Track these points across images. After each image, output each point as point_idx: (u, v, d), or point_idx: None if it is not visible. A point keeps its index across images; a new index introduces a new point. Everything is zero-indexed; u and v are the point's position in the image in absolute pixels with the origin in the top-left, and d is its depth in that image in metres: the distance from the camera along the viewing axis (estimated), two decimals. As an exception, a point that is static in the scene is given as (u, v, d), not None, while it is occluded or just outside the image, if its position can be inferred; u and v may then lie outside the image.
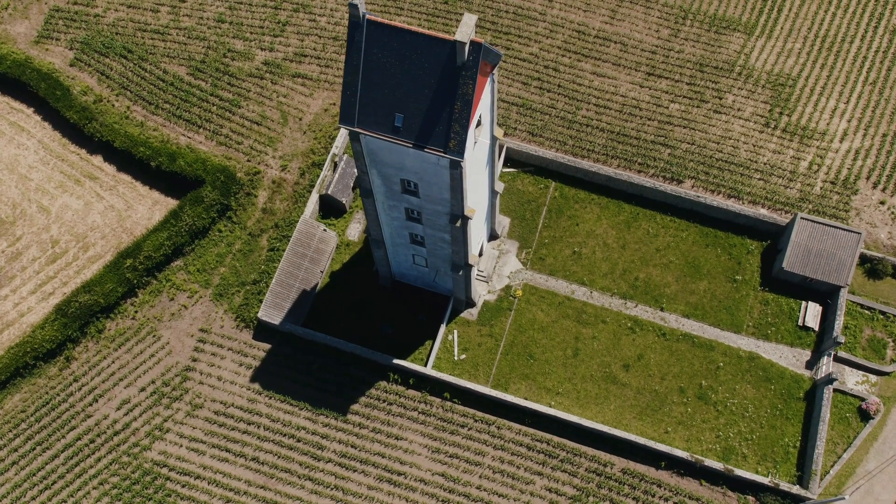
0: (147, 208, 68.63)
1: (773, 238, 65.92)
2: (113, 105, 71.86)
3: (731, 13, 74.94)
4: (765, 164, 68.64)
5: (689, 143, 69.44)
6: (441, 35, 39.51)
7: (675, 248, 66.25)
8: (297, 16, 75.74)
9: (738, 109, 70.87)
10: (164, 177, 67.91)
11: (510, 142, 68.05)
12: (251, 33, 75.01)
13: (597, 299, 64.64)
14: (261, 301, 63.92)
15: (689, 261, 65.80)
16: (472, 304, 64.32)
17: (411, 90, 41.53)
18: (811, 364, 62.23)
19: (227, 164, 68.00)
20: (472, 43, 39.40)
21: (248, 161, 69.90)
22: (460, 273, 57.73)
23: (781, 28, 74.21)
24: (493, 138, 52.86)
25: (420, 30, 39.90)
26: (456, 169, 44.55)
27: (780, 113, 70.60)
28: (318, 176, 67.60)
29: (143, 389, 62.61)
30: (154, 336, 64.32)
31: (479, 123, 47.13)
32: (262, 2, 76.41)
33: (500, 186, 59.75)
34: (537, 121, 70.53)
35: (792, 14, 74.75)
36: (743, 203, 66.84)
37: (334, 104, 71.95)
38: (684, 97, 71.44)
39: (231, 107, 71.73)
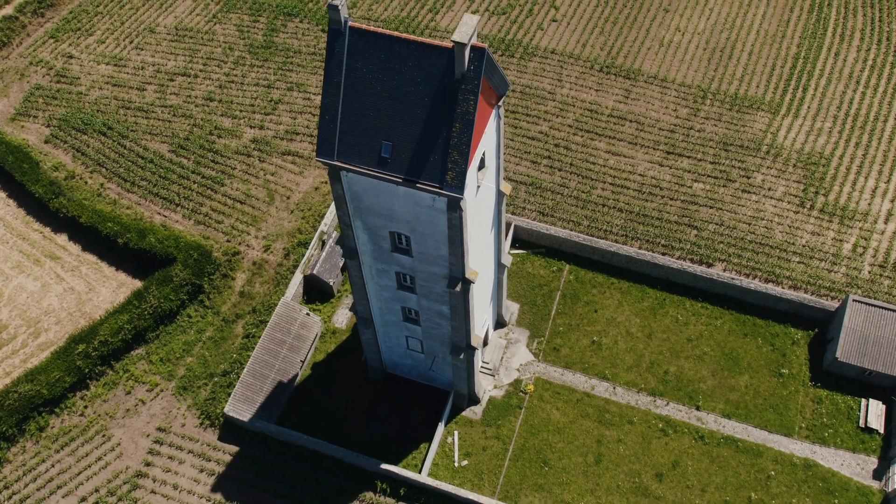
0: (111, 291, 61.10)
1: (821, 326, 57.51)
2: (86, 182, 66.02)
3: (753, 92, 70.19)
4: (803, 246, 61.33)
5: (716, 224, 62.50)
6: (436, 42, 33.38)
7: (708, 337, 57.75)
8: (291, 94, 71.31)
9: (769, 189, 64.43)
10: (133, 256, 60.83)
11: (518, 220, 61.24)
12: (241, 111, 70.33)
13: (621, 396, 55.49)
14: (230, 395, 54.96)
15: (725, 352, 57.10)
16: (475, 401, 55.23)
17: (401, 111, 35.01)
18: (879, 473, 52.10)
19: (202, 242, 61.03)
20: (474, 49, 33.18)
21: (228, 241, 63.02)
22: (461, 357, 49.15)
23: (808, 107, 69.21)
24: (500, 194, 45.94)
25: (412, 37, 33.85)
26: (454, 211, 37.27)
27: (816, 192, 64.09)
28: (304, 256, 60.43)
29: (83, 500, 52.57)
30: (104, 436, 54.97)
31: (482, 165, 40.32)
32: (254, 80, 72.28)
33: (507, 259, 52.32)
34: (548, 200, 64.07)
35: (818, 94, 69.99)
36: (783, 287, 58.92)
37: (326, 182, 65.90)
38: (709, 176, 65.25)
39: (213, 184, 65.74)
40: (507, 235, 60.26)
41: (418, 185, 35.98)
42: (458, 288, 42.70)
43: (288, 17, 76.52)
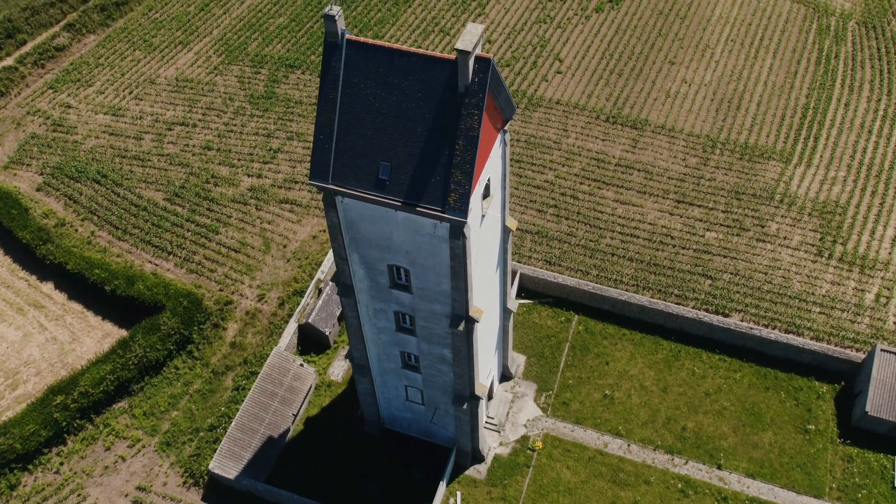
0: (95, 341, 58.03)
1: (848, 378, 54.05)
2: (76, 230, 63.83)
3: (764, 142, 68.57)
4: (823, 296, 58.42)
5: (731, 274, 59.78)
6: (438, 55, 31.51)
7: (728, 391, 54.23)
8: (291, 143, 69.84)
9: (785, 238, 61.95)
10: (120, 304, 58.03)
11: (524, 268, 58.60)
12: (239, 160, 68.71)
13: (636, 454, 51.62)
14: (216, 450, 51.22)
15: (746, 407, 53.48)
16: (479, 459, 51.38)
17: (400, 129, 32.87)
18: (921, 540, 47.75)
19: (193, 290, 58.31)
20: (479, 59, 31.25)
21: (221, 290, 60.30)
22: (464, 407, 45.69)
23: (821, 157, 67.46)
24: (506, 229, 43.45)
25: (412, 49, 31.99)
26: (457, 239, 34.69)
27: (833, 242, 61.59)
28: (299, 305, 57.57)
29: (53, 565, 48.32)
30: (79, 495, 51.02)
31: (487, 193, 37.96)
32: (253, 130, 70.96)
33: (513, 304, 49.43)
34: (555, 249, 61.57)
35: (830, 143, 68.35)
36: (805, 339, 55.70)
37: (324, 230, 63.63)
38: (721, 225, 62.90)
39: (208, 233, 63.48)
40: (512, 283, 57.50)
41: (419, 208, 33.53)
42: (461, 327, 39.71)
43: (289, 68, 75.87)
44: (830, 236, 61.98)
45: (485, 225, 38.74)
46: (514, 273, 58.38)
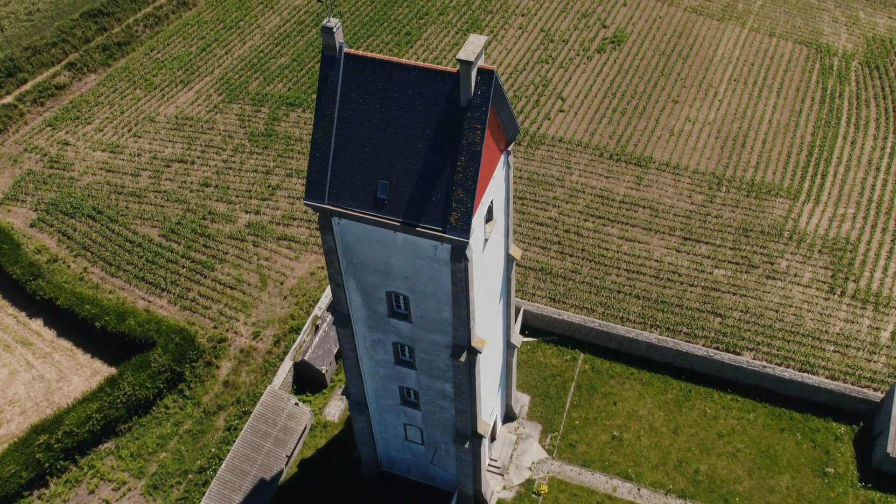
0: (83, 380, 55.98)
1: (867, 419, 51.75)
2: (69, 266, 62.35)
3: (770, 179, 67.51)
4: (837, 334, 56.52)
5: (741, 311, 57.99)
6: (439, 67, 30.44)
7: (741, 433, 51.91)
8: (290, 180, 68.83)
9: (795, 275, 60.33)
10: (111, 341, 56.16)
11: (528, 305, 56.87)
12: (237, 196, 67.61)
13: (647, 498, 49.08)
14: (205, 493, 48.71)
15: (761, 449, 51.09)
16: (482, 503, 48.80)
17: (400, 145, 31.62)
18: (952, 592, 44.88)
19: (186, 326, 56.49)
20: (482, 71, 30.14)
21: (215, 327, 58.47)
22: (466, 446, 43.43)
23: (829, 194, 66.30)
24: (510, 258, 41.89)
25: (413, 62, 30.95)
26: (459, 261, 33.11)
27: (845, 279, 59.94)
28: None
29: None
30: (60, 541, 48.40)
31: (490, 217, 36.53)
32: (252, 167, 70.07)
33: (517, 339, 47.57)
34: (559, 286, 59.92)
35: (838, 180, 67.29)
36: (820, 377, 53.59)
37: (322, 267, 62.10)
38: (730, 262, 61.35)
39: (203, 269, 61.95)
40: (516, 319, 55.65)
41: (418, 228, 32.05)
42: (463, 358, 37.83)
43: (290, 107, 75.42)
44: (842, 273, 60.36)
45: (487, 250, 37.21)
46: (517, 310, 56.60)
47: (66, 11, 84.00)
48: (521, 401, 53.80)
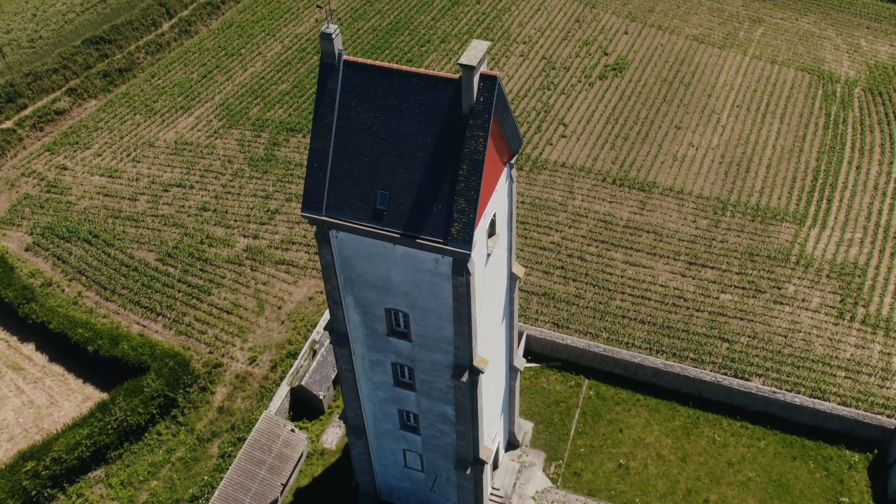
0: (75, 406, 54.50)
1: (881, 447, 50.12)
2: (63, 290, 61.22)
3: (776, 204, 66.67)
4: (848, 359, 55.14)
5: (749, 337, 56.67)
6: (440, 74, 29.69)
7: (752, 461, 50.25)
8: (289, 205, 68.02)
9: (803, 300, 59.13)
10: (103, 366, 54.82)
11: (531, 329, 55.61)
12: (235, 221, 66.74)
13: (655, 529, 47.30)
14: (197, 523, 47.05)
15: (773, 478, 49.40)
16: (484, 534, 46.99)
17: (400, 155, 30.75)
18: None
19: (181, 351, 55.17)
20: (484, 77, 29.38)
21: (210, 352, 57.15)
22: (468, 472, 41.86)
23: (835, 218, 65.41)
24: (513, 276, 40.79)
25: (413, 69, 30.22)
26: (461, 275, 32.02)
27: (855, 304, 58.72)
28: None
29: None
30: (45, 573, 46.52)
31: (493, 231, 35.53)
32: (252, 191, 69.33)
33: (520, 362, 46.25)
34: (563, 311, 58.70)
35: (844, 205, 66.45)
36: (832, 403, 52.09)
37: (320, 292, 60.96)
38: (736, 287, 60.20)
39: (200, 293, 60.81)
40: (519, 343, 54.34)
41: (419, 240, 31.02)
42: (465, 378, 36.51)
43: (290, 132, 74.96)
44: (851, 298, 59.16)
45: (490, 266, 36.13)
46: (520, 334, 55.33)
47: (68, 39, 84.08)
48: (525, 428, 52.25)
